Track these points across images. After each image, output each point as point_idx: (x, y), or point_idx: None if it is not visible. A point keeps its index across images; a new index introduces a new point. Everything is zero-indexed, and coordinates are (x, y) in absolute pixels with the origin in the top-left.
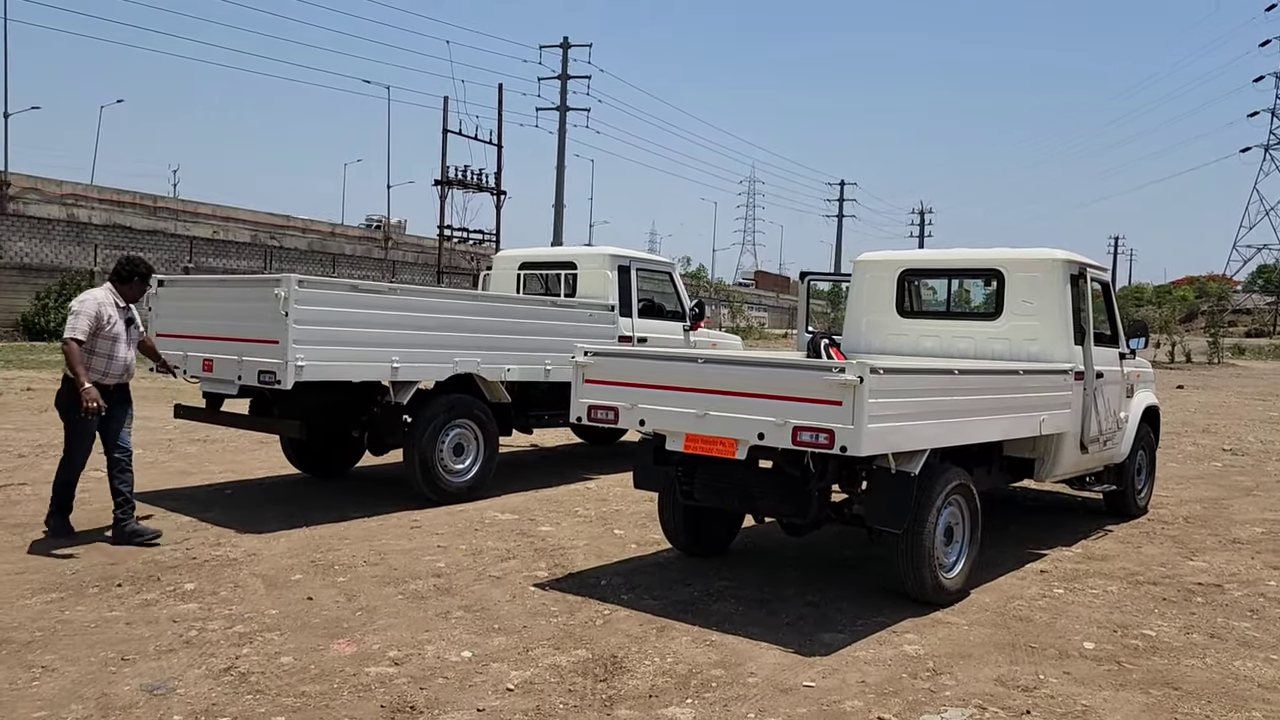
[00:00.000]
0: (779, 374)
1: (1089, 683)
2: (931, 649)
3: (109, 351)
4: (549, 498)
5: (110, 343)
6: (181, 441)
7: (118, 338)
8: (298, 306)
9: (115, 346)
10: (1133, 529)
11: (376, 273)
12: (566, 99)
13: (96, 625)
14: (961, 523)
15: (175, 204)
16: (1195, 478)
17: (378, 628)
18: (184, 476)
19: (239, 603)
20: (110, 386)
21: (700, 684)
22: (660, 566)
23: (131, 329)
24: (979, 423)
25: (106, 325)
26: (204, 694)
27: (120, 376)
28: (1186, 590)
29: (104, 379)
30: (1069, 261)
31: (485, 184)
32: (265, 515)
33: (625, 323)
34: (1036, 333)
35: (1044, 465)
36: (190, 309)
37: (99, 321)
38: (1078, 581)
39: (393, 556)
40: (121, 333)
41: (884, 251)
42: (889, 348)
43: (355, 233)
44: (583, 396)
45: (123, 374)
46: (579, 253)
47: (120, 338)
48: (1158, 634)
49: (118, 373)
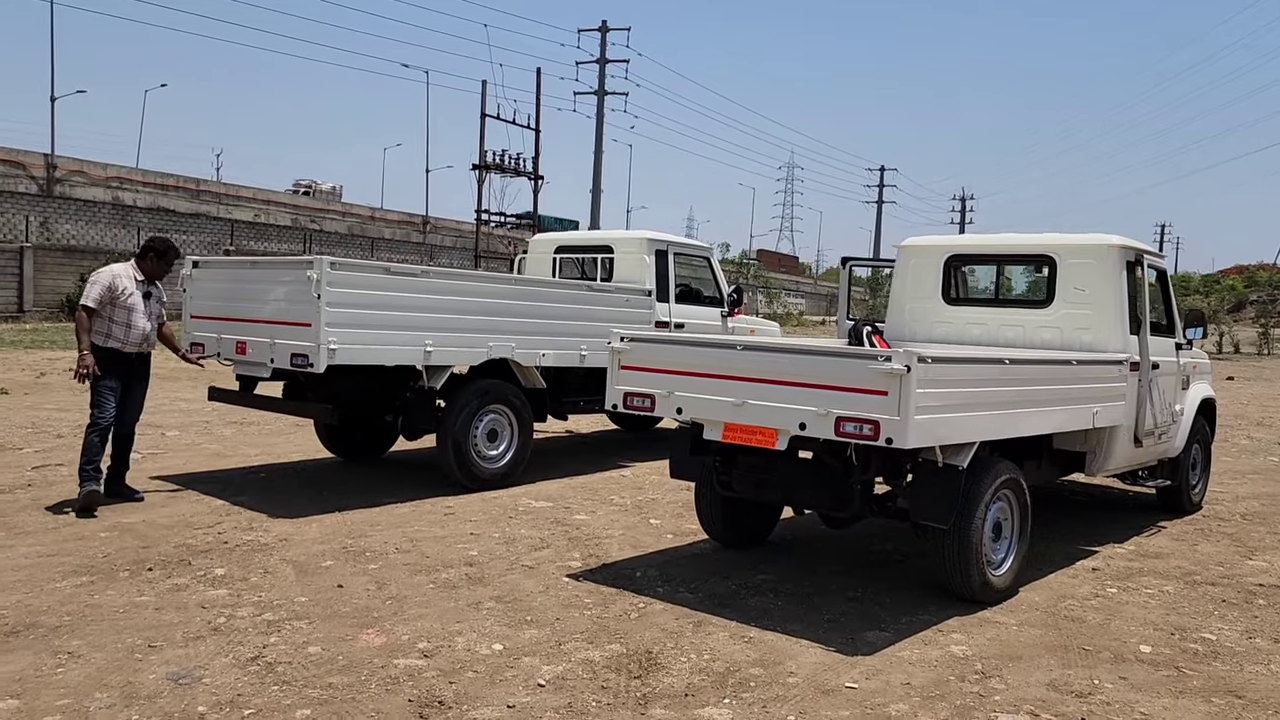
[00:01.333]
0: (822, 362)
1: (1146, 689)
2: (979, 650)
3: (126, 320)
4: (584, 485)
5: (127, 312)
6: (218, 424)
7: (134, 308)
8: (330, 289)
9: (132, 316)
10: (1187, 525)
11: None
12: (604, 83)
13: (125, 610)
14: (1011, 518)
15: (218, 187)
16: (1250, 473)
17: (408, 618)
18: (218, 459)
19: (269, 589)
20: (131, 355)
21: (738, 683)
22: (697, 558)
23: (150, 302)
24: (1030, 415)
25: (121, 295)
26: (230, 684)
27: (139, 345)
28: (1248, 592)
29: (124, 346)
30: (1125, 248)
31: (523, 169)
32: (298, 500)
33: (662, 308)
34: (1089, 321)
35: (1096, 459)
36: (224, 291)
37: (113, 292)
38: (1131, 580)
39: (425, 544)
40: (139, 304)
41: (929, 236)
42: (934, 336)
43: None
44: (619, 383)
45: (141, 342)
46: (616, 236)
47: (137, 308)
48: (1218, 638)
49: (136, 340)
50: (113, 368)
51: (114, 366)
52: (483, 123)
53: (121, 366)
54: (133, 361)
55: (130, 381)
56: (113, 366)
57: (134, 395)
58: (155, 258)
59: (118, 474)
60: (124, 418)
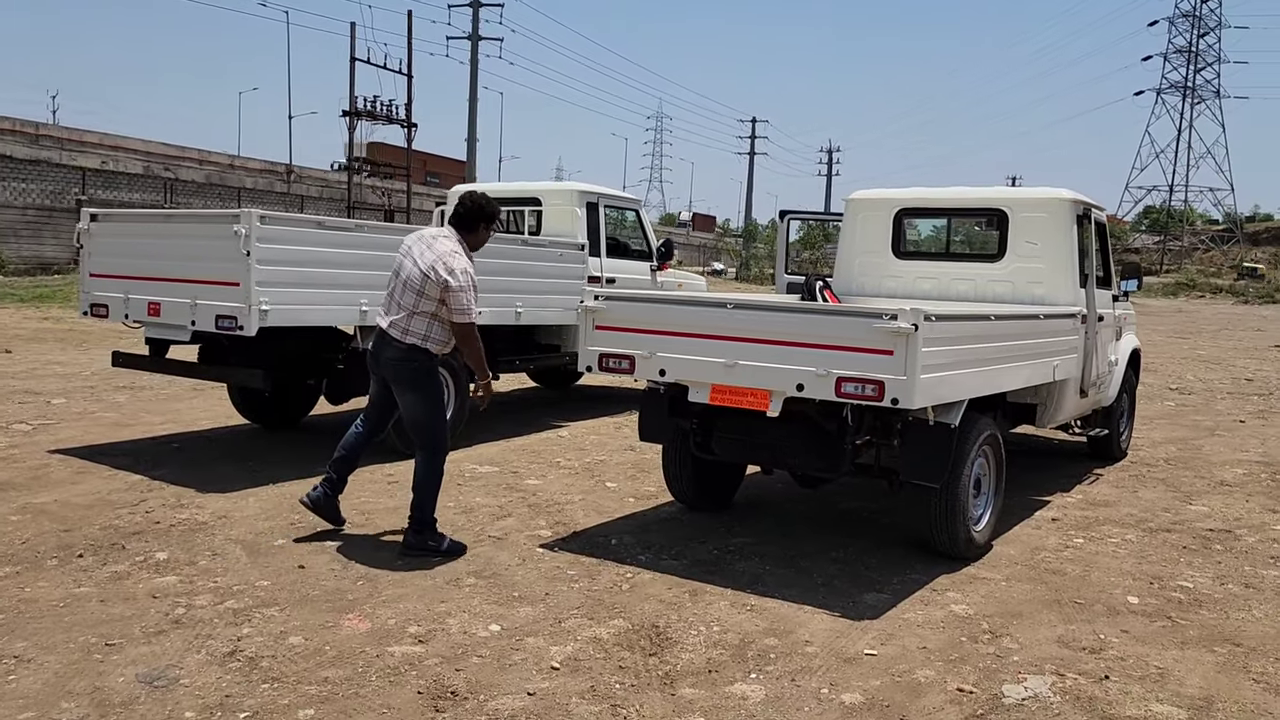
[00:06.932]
0: (821, 321)
1: (1151, 641)
2: (979, 608)
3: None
4: (524, 447)
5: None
6: (106, 390)
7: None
8: (260, 245)
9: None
10: (1121, 472)
11: (280, 207)
12: (479, 28)
13: (66, 604)
14: (989, 474)
15: (59, 131)
16: (1156, 417)
17: (386, 599)
18: (120, 429)
19: (223, 574)
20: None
21: (758, 655)
22: (668, 523)
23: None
24: (1008, 370)
25: None
26: (212, 684)
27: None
28: (1202, 538)
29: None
30: (1075, 201)
31: (395, 115)
32: (224, 472)
33: (594, 262)
34: (1041, 275)
35: (1046, 411)
36: (131, 247)
37: None
38: (1093, 530)
39: (378, 516)
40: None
41: (878, 190)
42: (883, 290)
43: (256, 165)
44: (593, 344)
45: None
46: (544, 188)
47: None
48: (1195, 586)
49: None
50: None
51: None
52: (352, 67)
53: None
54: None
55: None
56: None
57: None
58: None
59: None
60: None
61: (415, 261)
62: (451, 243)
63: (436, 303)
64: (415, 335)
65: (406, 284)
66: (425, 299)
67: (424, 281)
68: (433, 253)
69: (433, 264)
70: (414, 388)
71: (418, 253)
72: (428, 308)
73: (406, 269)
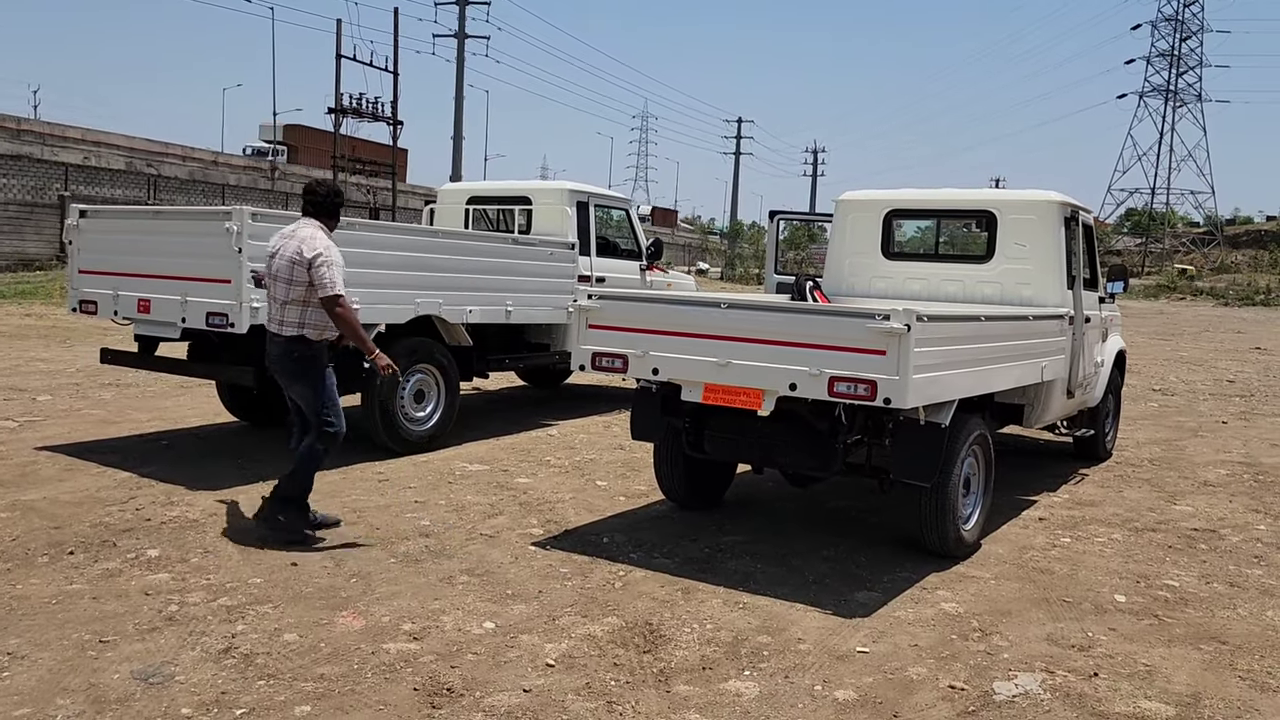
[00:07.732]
0: (814, 321)
1: (1138, 639)
2: (969, 607)
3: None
4: (514, 446)
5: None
6: (91, 386)
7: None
8: (253, 242)
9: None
10: (1106, 472)
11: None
12: (465, 26)
13: (59, 601)
14: (978, 473)
15: (41, 126)
16: (1140, 418)
17: (380, 596)
18: (107, 426)
19: (215, 571)
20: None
21: (751, 652)
22: (658, 521)
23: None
24: (999, 370)
25: None
26: (208, 680)
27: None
28: (1186, 537)
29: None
30: (1064, 204)
31: (381, 113)
32: (214, 469)
33: (583, 261)
34: (1029, 277)
35: (1034, 411)
36: (121, 244)
37: None
38: (1080, 529)
39: (370, 514)
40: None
41: (868, 190)
42: (873, 291)
43: (240, 162)
44: (586, 343)
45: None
46: (534, 187)
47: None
48: (1180, 585)
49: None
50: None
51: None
52: (338, 64)
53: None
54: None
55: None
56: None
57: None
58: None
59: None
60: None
61: (280, 254)
62: (310, 228)
63: (306, 286)
64: (291, 325)
65: (276, 277)
66: (295, 286)
67: (291, 268)
68: (295, 240)
69: (297, 249)
70: (298, 377)
71: (281, 246)
72: (298, 294)
73: (275, 264)
